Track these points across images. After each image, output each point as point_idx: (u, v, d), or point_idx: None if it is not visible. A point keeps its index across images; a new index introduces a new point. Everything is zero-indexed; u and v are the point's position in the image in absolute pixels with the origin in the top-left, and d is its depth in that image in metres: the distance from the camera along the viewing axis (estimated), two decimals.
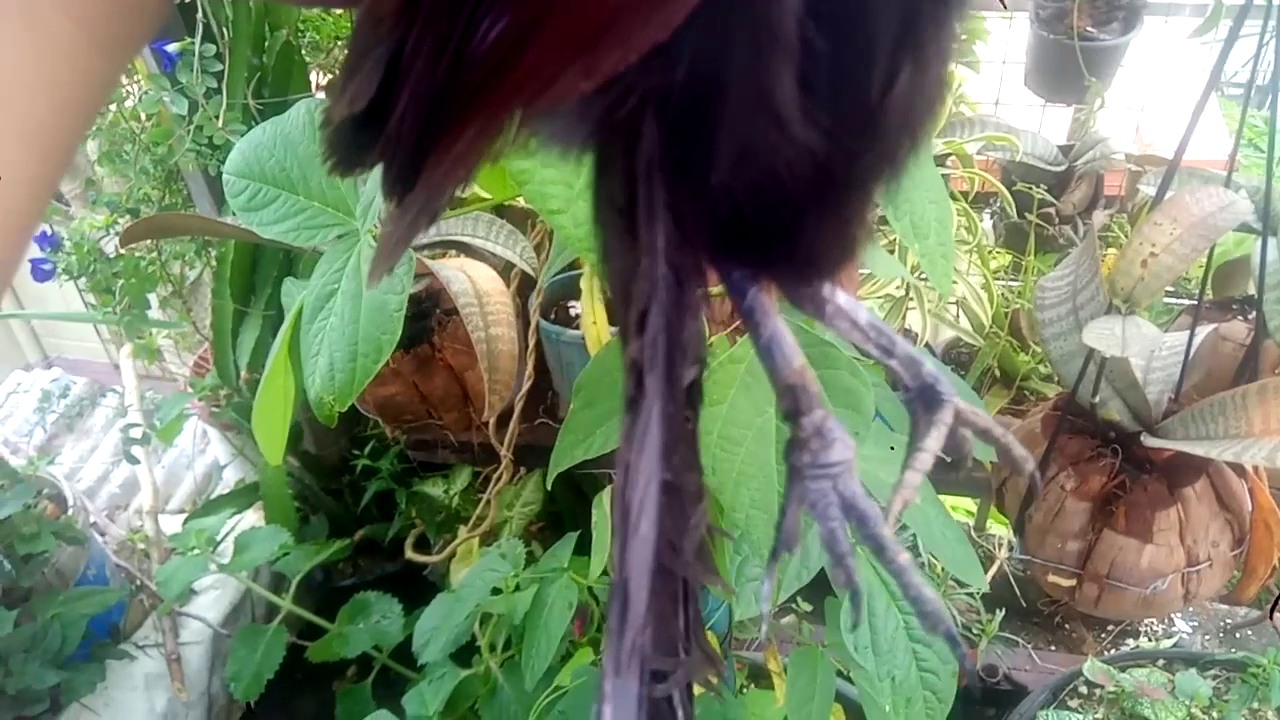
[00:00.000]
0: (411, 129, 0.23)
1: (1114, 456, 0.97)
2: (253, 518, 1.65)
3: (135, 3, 0.24)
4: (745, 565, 0.73)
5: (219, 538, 1.45)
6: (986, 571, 1.90)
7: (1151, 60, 1.75)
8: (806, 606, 1.13)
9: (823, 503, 0.28)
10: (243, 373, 1.51)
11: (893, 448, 0.67)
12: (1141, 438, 0.93)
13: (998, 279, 1.62)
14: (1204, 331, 1.03)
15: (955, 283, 1.49)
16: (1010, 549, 1.80)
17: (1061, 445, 0.98)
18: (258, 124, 1.44)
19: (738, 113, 0.23)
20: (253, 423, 0.73)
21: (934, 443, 0.30)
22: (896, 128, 0.25)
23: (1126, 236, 1.51)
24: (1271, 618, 1.26)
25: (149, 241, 1.42)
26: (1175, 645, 1.74)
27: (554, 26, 0.20)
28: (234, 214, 0.75)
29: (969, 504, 1.96)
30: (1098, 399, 0.97)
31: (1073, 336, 0.94)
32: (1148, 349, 0.90)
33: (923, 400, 0.30)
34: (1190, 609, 1.61)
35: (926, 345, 1.53)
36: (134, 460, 1.60)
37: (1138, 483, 0.95)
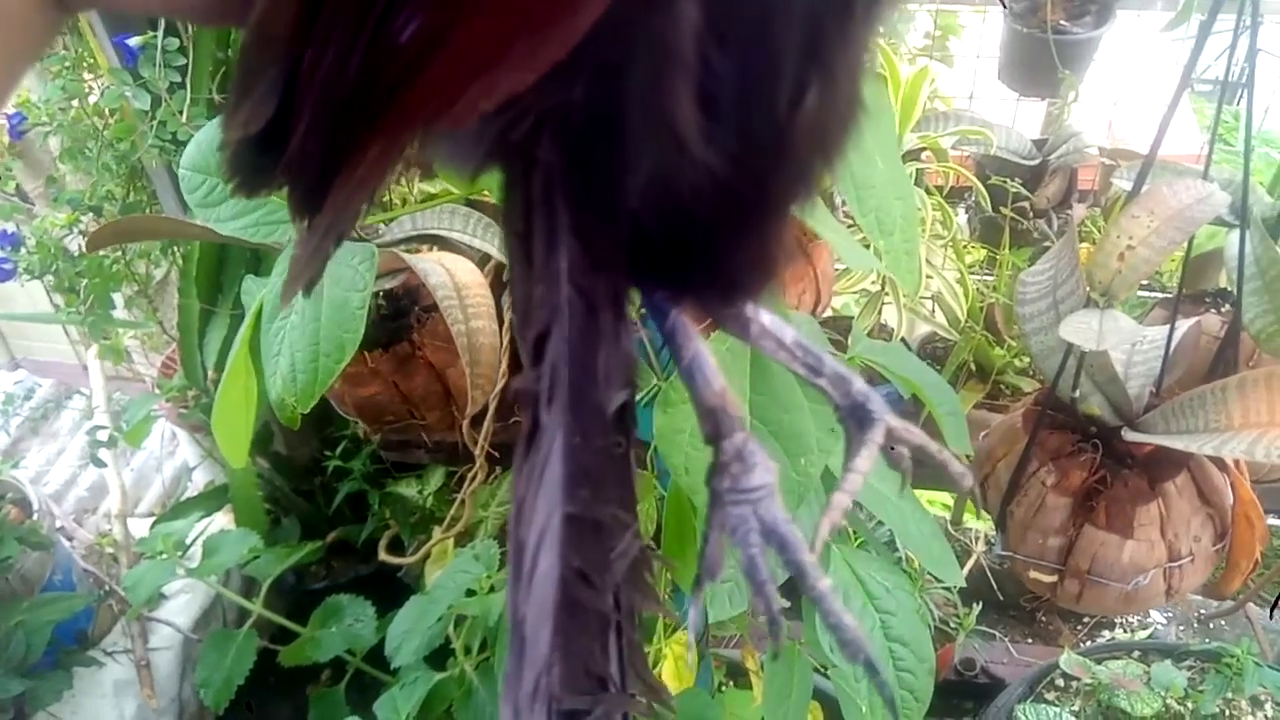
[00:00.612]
0: (314, 151, 0.22)
1: (1095, 451, 0.97)
2: (223, 520, 1.62)
3: (18, 17, 0.22)
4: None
5: (188, 541, 1.43)
6: (963, 565, 1.90)
7: (1124, 54, 1.76)
8: (784, 602, 1.12)
9: (743, 529, 0.27)
10: (210, 373, 1.48)
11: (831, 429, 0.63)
12: (1122, 432, 0.93)
13: (973, 273, 1.62)
14: (1184, 326, 1.03)
15: (930, 277, 1.49)
16: (988, 543, 1.80)
17: (1042, 440, 0.97)
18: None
19: (637, 135, 0.22)
20: (213, 424, 0.70)
21: (865, 463, 0.29)
22: (806, 148, 0.24)
23: (1101, 231, 1.51)
24: (1272, 615, 1.27)
25: None
26: (1150, 637, 1.75)
27: (454, 46, 0.20)
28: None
29: (946, 498, 1.96)
30: (1078, 394, 0.97)
31: (1053, 331, 0.93)
32: (1125, 342, 0.89)
33: (854, 418, 0.30)
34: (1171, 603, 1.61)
35: (903, 339, 1.52)
36: (101, 464, 1.57)
37: (1118, 478, 0.95)
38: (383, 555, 1.52)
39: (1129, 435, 0.91)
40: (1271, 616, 1.34)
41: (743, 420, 0.29)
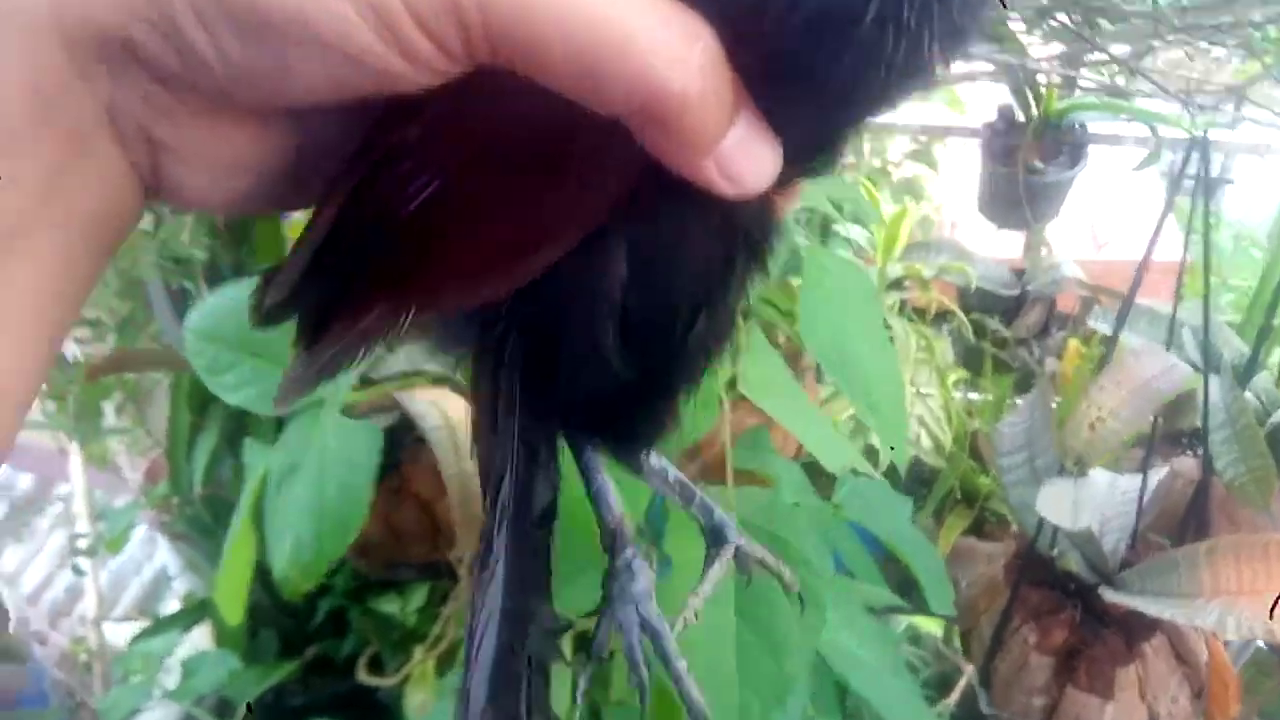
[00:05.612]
0: (319, 296, 0.30)
1: (1075, 609, 0.98)
2: (200, 633, 1.60)
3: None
4: None
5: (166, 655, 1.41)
6: (953, 686, 1.88)
7: (1102, 179, 1.82)
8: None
9: (628, 622, 0.35)
10: (197, 486, 1.48)
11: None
12: (1099, 591, 0.94)
13: (956, 389, 1.65)
14: (1157, 475, 1.05)
15: (915, 400, 1.51)
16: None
17: (1023, 596, 0.99)
18: (223, 238, 1.42)
19: (575, 348, 0.31)
20: (214, 594, 0.71)
21: (718, 571, 0.38)
22: (694, 354, 0.33)
23: (1082, 357, 1.55)
24: (1272, 615, 1.27)
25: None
26: None
27: (447, 263, 0.29)
28: None
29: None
30: (1056, 550, 0.99)
31: (1030, 487, 0.96)
32: (1099, 515, 0.92)
33: (713, 537, 0.39)
34: None
35: (891, 465, 1.54)
36: (81, 573, 1.56)
37: (1098, 637, 0.96)
38: (361, 676, 1.50)
39: (1106, 595, 0.93)
40: (1271, 616, 1.35)
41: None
